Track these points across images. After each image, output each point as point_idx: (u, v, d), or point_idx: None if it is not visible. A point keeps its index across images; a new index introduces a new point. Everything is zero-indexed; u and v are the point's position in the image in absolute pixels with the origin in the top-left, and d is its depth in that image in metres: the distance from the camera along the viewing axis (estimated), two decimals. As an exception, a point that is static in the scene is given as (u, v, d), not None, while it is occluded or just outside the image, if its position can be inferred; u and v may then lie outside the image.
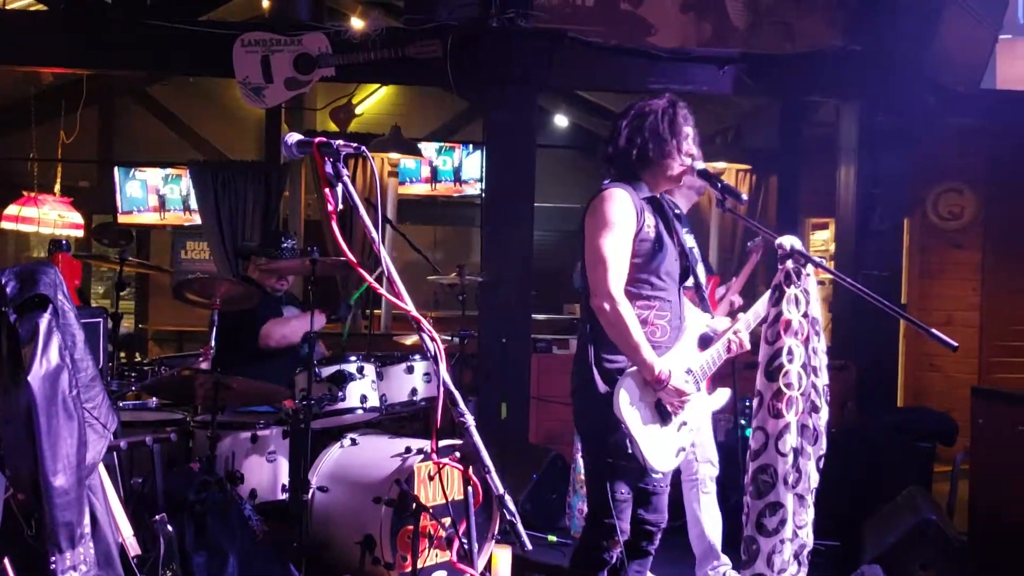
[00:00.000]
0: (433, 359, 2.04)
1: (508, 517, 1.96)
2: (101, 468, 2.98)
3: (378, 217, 2.14)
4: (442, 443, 4.12)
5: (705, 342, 3.16)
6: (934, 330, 2.54)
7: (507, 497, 1.96)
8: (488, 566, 4.27)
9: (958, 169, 7.64)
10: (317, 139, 2.15)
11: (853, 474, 4.96)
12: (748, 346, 3.15)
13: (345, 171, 2.16)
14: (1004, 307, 7.61)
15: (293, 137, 2.20)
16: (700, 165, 3.16)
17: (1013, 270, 7.57)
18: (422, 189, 8.74)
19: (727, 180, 7.41)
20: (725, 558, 4.21)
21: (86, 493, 2.69)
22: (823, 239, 8.41)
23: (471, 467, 2.03)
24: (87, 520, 2.66)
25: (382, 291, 2.11)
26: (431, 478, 4.01)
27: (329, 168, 2.14)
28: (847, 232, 6.14)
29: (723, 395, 3.24)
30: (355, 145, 2.16)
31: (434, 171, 8.72)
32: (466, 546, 2.06)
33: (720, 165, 7.32)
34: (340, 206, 2.15)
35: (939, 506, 4.54)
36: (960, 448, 5.11)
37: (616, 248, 2.96)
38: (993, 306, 7.64)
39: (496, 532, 4.29)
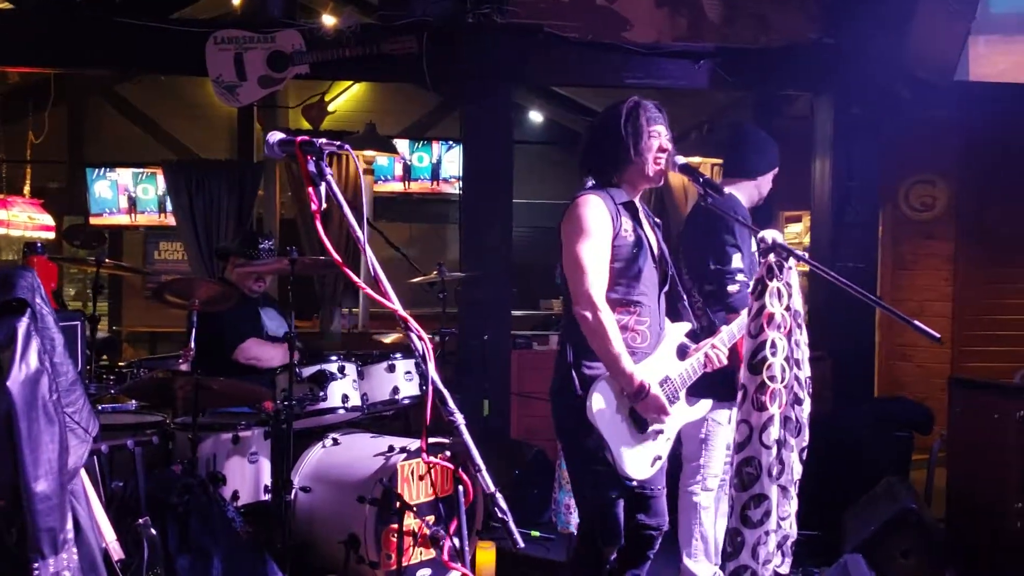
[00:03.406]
0: (421, 358, 2.03)
1: (500, 515, 1.96)
2: (83, 473, 2.94)
3: (363, 215, 2.12)
4: (429, 440, 4.12)
5: (683, 351, 3.16)
6: (917, 322, 2.55)
7: (499, 495, 1.96)
8: (472, 562, 4.27)
9: (930, 160, 7.70)
10: (299, 138, 2.14)
11: (832, 464, 4.99)
12: (725, 362, 3.15)
13: (328, 170, 2.15)
14: (976, 297, 7.68)
15: (275, 136, 2.18)
16: (681, 160, 3.17)
17: (985, 260, 7.64)
18: (396, 187, 8.72)
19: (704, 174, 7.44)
20: (718, 560, 4.21)
21: (68, 498, 2.66)
22: (796, 231, 8.46)
23: (462, 466, 2.02)
24: (70, 526, 2.63)
25: (369, 291, 2.10)
26: (415, 476, 4.02)
27: (312, 167, 2.13)
28: (822, 224, 6.18)
29: (704, 406, 3.23)
30: (338, 143, 2.16)
31: (407, 168, 8.69)
32: (457, 544, 2.06)
33: (695, 159, 7.34)
34: (324, 205, 2.14)
35: (918, 494, 4.58)
36: (936, 436, 5.17)
37: (594, 254, 2.95)
38: (965, 296, 7.71)
39: (479, 528, 4.29)
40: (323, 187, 2.14)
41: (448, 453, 3.52)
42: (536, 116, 10.10)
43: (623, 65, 5.88)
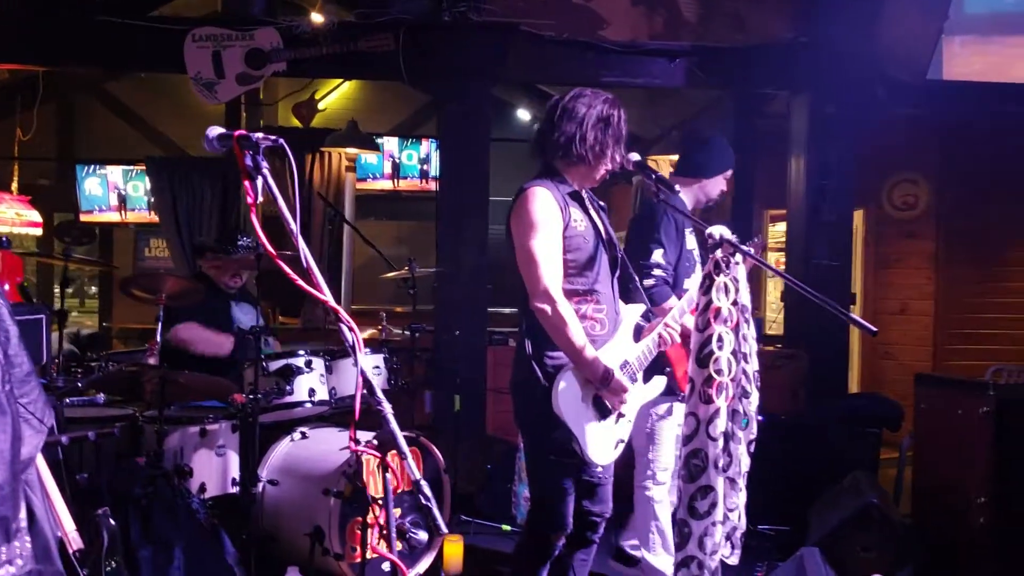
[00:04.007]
0: (352, 348, 2.07)
1: (424, 502, 2.00)
2: (41, 463, 2.98)
3: (296, 209, 2.15)
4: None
5: (638, 332, 3.21)
6: (854, 315, 2.60)
7: (423, 482, 2.00)
8: (440, 555, 4.31)
9: (912, 159, 7.75)
10: (237, 132, 2.18)
11: (802, 460, 5.06)
12: (679, 340, 3.20)
13: (265, 164, 2.19)
14: (957, 296, 7.73)
15: (214, 131, 2.22)
16: (636, 157, 3.20)
17: (966, 259, 7.69)
18: (385, 185, 8.73)
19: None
20: None
21: (22, 488, 2.69)
22: (783, 230, 8.49)
23: (389, 454, 2.07)
24: (23, 515, 2.67)
25: (300, 282, 2.14)
26: (381, 470, 4.04)
27: (249, 161, 2.17)
28: (798, 222, 6.22)
29: (659, 384, 3.28)
30: (274, 138, 2.19)
31: (396, 166, 8.71)
32: (387, 533, 2.09)
33: (674, 158, 7.36)
34: (260, 198, 2.18)
35: (883, 489, 4.62)
36: (906, 433, 5.21)
37: (546, 248, 2.96)
38: (946, 295, 7.76)
39: (447, 522, 4.34)
40: (259, 181, 2.18)
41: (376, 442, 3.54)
42: (524, 114, 10.12)
43: (600, 63, 5.92)
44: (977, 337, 7.67)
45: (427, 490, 2.01)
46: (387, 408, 2.05)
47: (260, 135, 2.18)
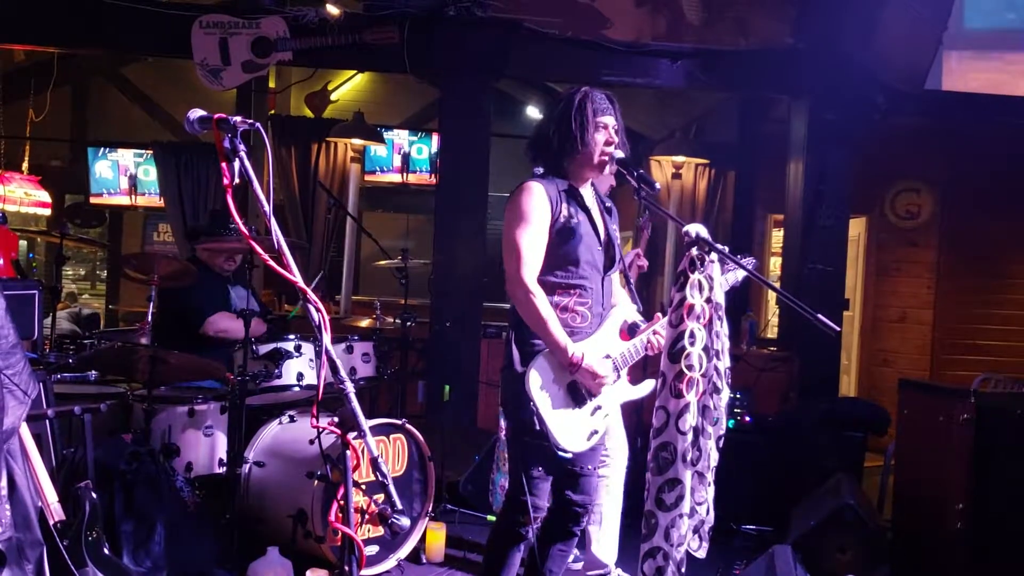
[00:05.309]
0: (318, 328, 2.13)
1: (380, 479, 2.07)
2: (26, 435, 3.05)
3: (270, 193, 2.21)
4: (380, 421, 4.24)
5: (633, 330, 3.27)
6: (820, 315, 2.64)
7: (380, 460, 2.07)
8: (423, 542, 4.37)
9: (916, 169, 7.77)
10: (216, 116, 2.24)
11: (787, 461, 5.09)
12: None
13: (242, 146, 2.25)
14: (957, 305, 7.75)
15: (195, 113, 2.28)
16: (619, 154, 3.25)
17: (967, 269, 7.71)
18: (394, 178, 8.77)
19: (685, 174, 7.51)
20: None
21: (4, 457, 2.76)
22: (786, 234, 8.52)
23: (349, 432, 2.13)
24: (4, 483, 2.74)
25: (272, 263, 2.20)
26: (366, 455, 4.09)
27: (227, 143, 2.23)
28: (795, 227, 6.24)
29: (647, 385, 3.32)
30: (251, 122, 2.25)
31: (406, 159, 8.75)
32: (345, 509, 2.15)
33: (679, 159, 7.41)
34: (236, 180, 2.24)
35: (862, 492, 4.65)
36: (892, 438, 5.23)
37: (530, 240, 3.06)
38: (946, 304, 7.78)
39: (430, 510, 4.39)
40: (236, 163, 2.23)
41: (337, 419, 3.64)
42: (533, 111, 10.15)
43: (603, 62, 5.96)
44: (975, 347, 7.69)
45: (384, 467, 2.07)
46: (349, 387, 2.12)
47: (238, 119, 2.24)
